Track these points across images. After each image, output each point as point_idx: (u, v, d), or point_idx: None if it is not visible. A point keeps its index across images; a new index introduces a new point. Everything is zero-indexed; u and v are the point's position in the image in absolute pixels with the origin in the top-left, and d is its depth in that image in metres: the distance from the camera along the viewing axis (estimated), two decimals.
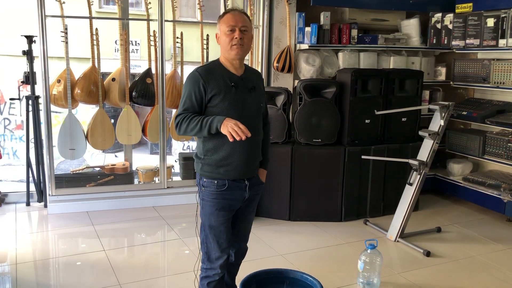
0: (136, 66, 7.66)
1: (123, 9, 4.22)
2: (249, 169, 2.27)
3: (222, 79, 2.18)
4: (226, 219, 2.27)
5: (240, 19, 2.17)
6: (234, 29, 2.15)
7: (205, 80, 2.15)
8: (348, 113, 3.96)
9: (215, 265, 2.30)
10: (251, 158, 2.26)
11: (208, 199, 2.25)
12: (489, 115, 4.22)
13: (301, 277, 2.69)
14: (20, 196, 4.37)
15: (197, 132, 2.14)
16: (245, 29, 2.17)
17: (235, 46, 2.15)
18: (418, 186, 3.63)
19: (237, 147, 2.17)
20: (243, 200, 2.29)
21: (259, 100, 2.30)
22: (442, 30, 4.59)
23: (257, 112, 2.28)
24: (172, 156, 8.15)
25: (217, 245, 2.27)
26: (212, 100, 2.16)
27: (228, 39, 2.16)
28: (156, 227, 3.91)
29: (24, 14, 6.15)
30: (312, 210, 4.03)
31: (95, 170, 4.69)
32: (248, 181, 2.28)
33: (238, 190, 2.26)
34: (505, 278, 3.13)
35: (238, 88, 2.20)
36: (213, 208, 2.24)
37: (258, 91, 2.29)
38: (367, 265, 2.90)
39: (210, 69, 2.20)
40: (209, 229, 2.27)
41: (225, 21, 2.17)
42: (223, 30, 2.17)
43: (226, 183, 2.22)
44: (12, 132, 8.51)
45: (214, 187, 2.23)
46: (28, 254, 3.32)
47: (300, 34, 4.27)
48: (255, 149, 2.28)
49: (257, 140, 2.29)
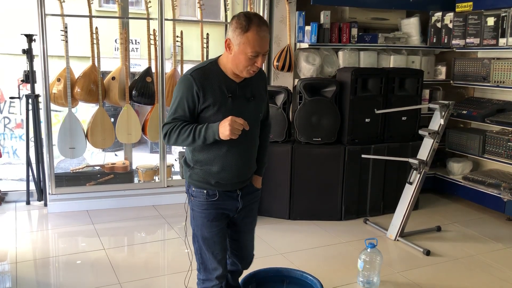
0: (136, 65, 7.66)
1: (123, 8, 4.22)
2: (242, 181, 2.11)
3: (219, 88, 1.94)
4: (219, 229, 2.11)
5: (266, 42, 1.88)
6: (258, 55, 1.88)
7: (199, 87, 1.91)
8: (348, 112, 3.96)
9: (212, 276, 2.15)
10: (244, 170, 2.09)
11: (198, 210, 2.09)
12: (489, 114, 4.22)
13: (301, 276, 2.69)
14: (20, 195, 4.37)
15: (189, 144, 1.94)
16: (266, 52, 1.91)
17: (252, 72, 1.94)
18: (418, 185, 3.63)
19: (230, 161, 2.01)
20: (236, 210, 2.14)
21: (259, 109, 2.09)
22: (442, 29, 4.59)
23: (255, 123, 2.08)
24: (172, 155, 8.14)
25: (212, 256, 2.13)
26: (205, 110, 1.94)
27: (247, 63, 1.89)
28: (156, 226, 3.91)
29: (24, 13, 6.14)
30: (312, 209, 4.03)
31: (95, 169, 4.68)
32: (241, 191, 2.12)
33: (230, 200, 2.10)
34: (505, 277, 3.13)
35: (236, 99, 1.97)
36: (205, 219, 2.08)
37: (259, 99, 2.07)
38: (367, 264, 2.90)
39: (206, 73, 1.95)
40: (202, 241, 2.11)
41: (250, 42, 1.84)
42: (244, 51, 1.86)
43: (217, 193, 2.06)
44: (12, 131, 8.51)
45: (204, 197, 2.06)
46: (28, 253, 3.32)
47: (300, 33, 4.26)
48: (250, 161, 2.11)
49: (252, 151, 2.12)
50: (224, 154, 2.00)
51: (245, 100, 2.01)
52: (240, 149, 2.02)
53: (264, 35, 1.87)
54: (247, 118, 1.93)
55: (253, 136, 2.10)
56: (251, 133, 2.02)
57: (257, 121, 2.11)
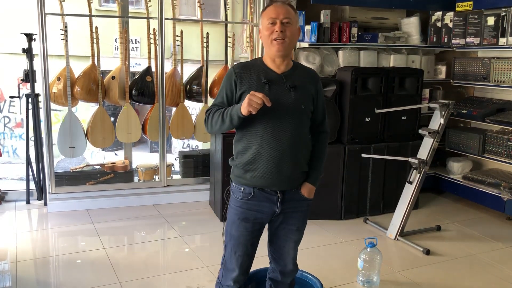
0: (136, 64, 7.66)
1: (123, 7, 4.22)
2: (282, 179, 2.00)
3: (257, 76, 1.98)
4: (249, 231, 2.05)
5: (282, 11, 1.94)
6: (275, 21, 1.93)
7: (238, 76, 1.98)
8: (348, 111, 3.96)
9: (228, 276, 2.12)
10: (282, 165, 1.97)
11: (232, 205, 2.08)
12: (489, 113, 4.22)
13: (301, 276, 2.69)
14: (20, 194, 4.37)
15: (220, 125, 1.96)
16: (287, 21, 1.94)
17: (275, 42, 1.94)
18: (418, 185, 3.63)
19: (265, 151, 1.96)
20: (272, 215, 2.05)
21: (302, 100, 2.00)
22: (442, 29, 4.59)
23: (296, 114, 1.99)
24: (172, 154, 8.16)
25: (234, 257, 2.08)
26: (242, 97, 1.95)
27: (268, 32, 1.95)
28: (156, 225, 3.91)
29: (24, 12, 6.14)
30: (312, 208, 4.00)
31: (95, 168, 4.68)
32: (282, 194, 2.03)
33: (267, 202, 2.02)
34: (505, 276, 3.13)
35: (273, 86, 1.96)
36: (235, 216, 2.05)
37: (303, 91, 2.01)
38: (367, 263, 2.91)
39: (248, 65, 2.04)
40: (229, 237, 2.09)
41: (266, 13, 1.96)
42: (264, 24, 1.96)
43: (252, 191, 2.01)
44: (12, 130, 8.52)
45: (240, 194, 2.04)
46: (28, 252, 3.32)
47: (300, 32, 4.26)
48: (290, 156, 1.98)
49: (293, 146, 1.99)
50: (258, 141, 1.97)
51: (285, 89, 1.99)
52: (275, 137, 1.96)
53: (279, 5, 1.96)
54: (285, 106, 1.96)
55: (294, 129, 1.99)
56: (290, 124, 1.97)
57: (300, 113, 2.01)
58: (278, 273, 2.22)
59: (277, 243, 2.16)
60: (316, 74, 2.17)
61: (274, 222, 2.10)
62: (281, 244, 2.15)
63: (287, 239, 2.14)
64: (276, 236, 2.14)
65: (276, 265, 2.22)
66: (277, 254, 2.18)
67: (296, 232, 2.14)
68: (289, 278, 2.23)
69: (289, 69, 2.03)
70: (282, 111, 1.96)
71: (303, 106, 2.01)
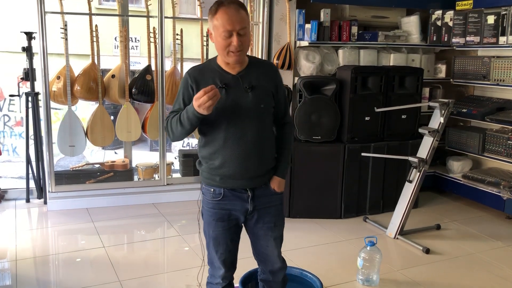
0: (136, 62, 7.66)
1: (122, 6, 4.22)
2: (252, 178, 2.02)
3: (212, 80, 1.94)
4: (225, 229, 2.07)
5: (237, 20, 1.86)
6: (231, 33, 1.86)
7: (193, 81, 1.96)
8: (348, 110, 3.96)
9: (215, 274, 2.16)
10: (249, 165, 1.99)
11: (206, 207, 2.09)
12: (489, 112, 4.22)
13: (300, 274, 2.70)
14: (19, 192, 4.37)
15: (181, 129, 1.94)
16: (244, 32, 1.88)
17: (232, 54, 1.90)
18: (417, 184, 3.63)
19: (230, 154, 1.97)
20: (246, 213, 2.06)
21: (261, 99, 1.99)
22: (442, 27, 4.58)
23: (256, 114, 1.98)
24: (171, 153, 8.14)
25: (217, 256, 2.11)
26: None
27: (224, 43, 1.88)
28: (156, 224, 3.91)
29: (23, 11, 6.14)
30: (312, 207, 4.03)
31: (95, 167, 4.68)
32: (252, 192, 2.04)
33: (238, 200, 2.04)
34: (505, 275, 3.13)
35: (230, 89, 1.94)
36: (210, 218, 2.07)
37: (261, 90, 2.00)
38: (367, 262, 2.91)
39: (203, 69, 2.00)
40: (208, 238, 2.12)
41: (220, 22, 1.86)
42: (218, 32, 1.88)
43: (222, 192, 2.03)
44: (11, 129, 8.51)
45: (211, 196, 2.05)
46: (28, 251, 3.32)
47: (300, 31, 4.26)
48: (256, 155, 2.00)
49: (258, 145, 2.00)
50: (222, 146, 1.97)
51: (242, 90, 1.96)
52: (239, 140, 1.97)
53: (234, 13, 1.86)
54: (244, 108, 1.95)
55: (256, 129, 1.99)
56: (251, 125, 1.97)
57: (260, 112, 2.00)
58: (268, 273, 2.23)
59: (259, 243, 2.17)
60: (273, 65, 2.18)
61: (250, 221, 2.11)
62: (263, 244, 2.16)
63: (268, 237, 2.14)
64: (257, 237, 2.15)
65: (264, 266, 2.23)
66: (263, 255, 2.20)
67: (274, 228, 2.14)
68: (280, 276, 2.24)
69: (244, 68, 2.00)
70: (242, 113, 1.95)
71: (262, 106, 2.00)
